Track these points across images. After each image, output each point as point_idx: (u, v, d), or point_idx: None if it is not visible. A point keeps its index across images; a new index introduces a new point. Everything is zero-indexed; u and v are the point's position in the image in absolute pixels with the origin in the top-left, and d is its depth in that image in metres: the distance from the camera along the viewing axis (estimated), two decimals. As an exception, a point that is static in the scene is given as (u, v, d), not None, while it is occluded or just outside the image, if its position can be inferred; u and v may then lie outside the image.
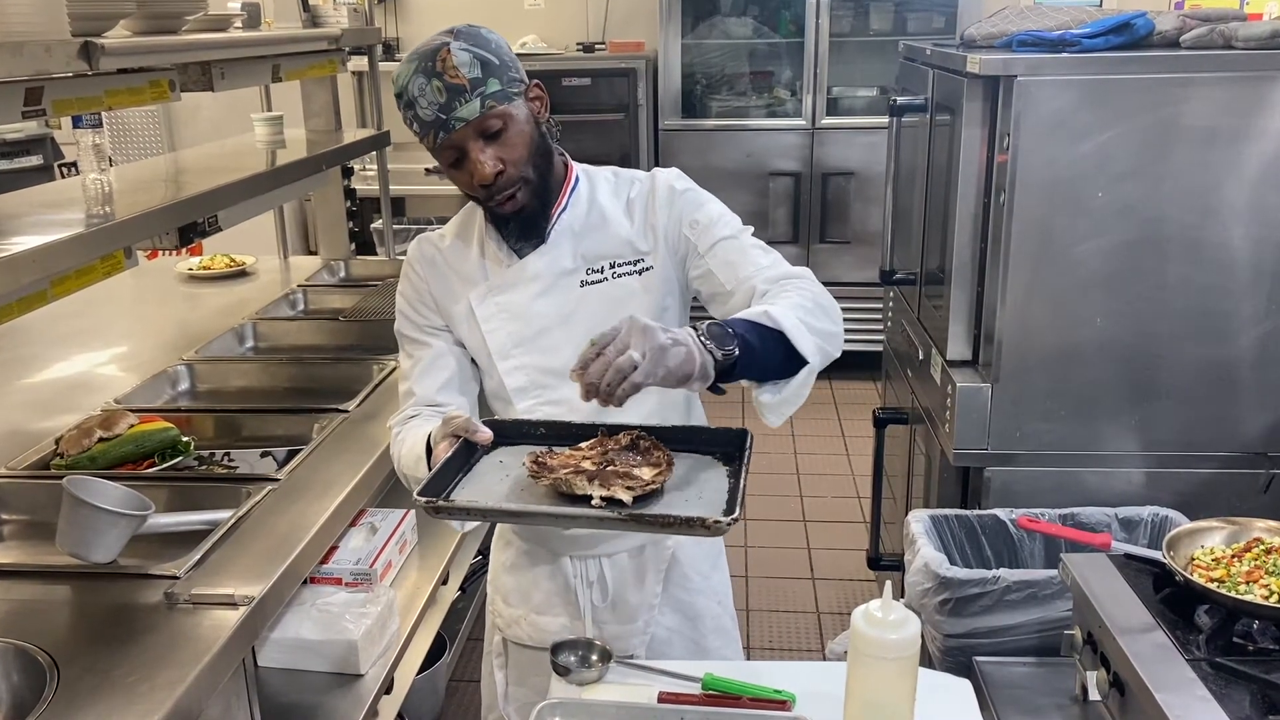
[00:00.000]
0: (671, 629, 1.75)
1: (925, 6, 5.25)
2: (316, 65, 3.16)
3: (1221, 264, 2.13)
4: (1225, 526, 1.75)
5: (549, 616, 1.73)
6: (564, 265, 1.61)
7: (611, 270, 1.61)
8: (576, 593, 1.71)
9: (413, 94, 1.48)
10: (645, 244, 1.62)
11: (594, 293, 1.61)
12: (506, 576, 1.77)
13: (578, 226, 1.62)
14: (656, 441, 1.43)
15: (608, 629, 1.71)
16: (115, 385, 2.54)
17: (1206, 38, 2.13)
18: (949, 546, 2.12)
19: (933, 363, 2.45)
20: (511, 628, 1.77)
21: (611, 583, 1.70)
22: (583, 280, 1.61)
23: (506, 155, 1.51)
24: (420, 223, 5.81)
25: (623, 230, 1.62)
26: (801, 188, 5.19)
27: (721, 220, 1.63)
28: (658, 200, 1.63)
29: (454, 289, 1.65)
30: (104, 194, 2.32)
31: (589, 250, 1.62)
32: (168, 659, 1.44)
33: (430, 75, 1.46)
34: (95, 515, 1.67)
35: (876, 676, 1.24)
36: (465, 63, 1.47)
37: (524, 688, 1.77)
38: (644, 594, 1.71)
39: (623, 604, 1.71)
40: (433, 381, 1.66)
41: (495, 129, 1.49)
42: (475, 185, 1.53)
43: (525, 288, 1.61)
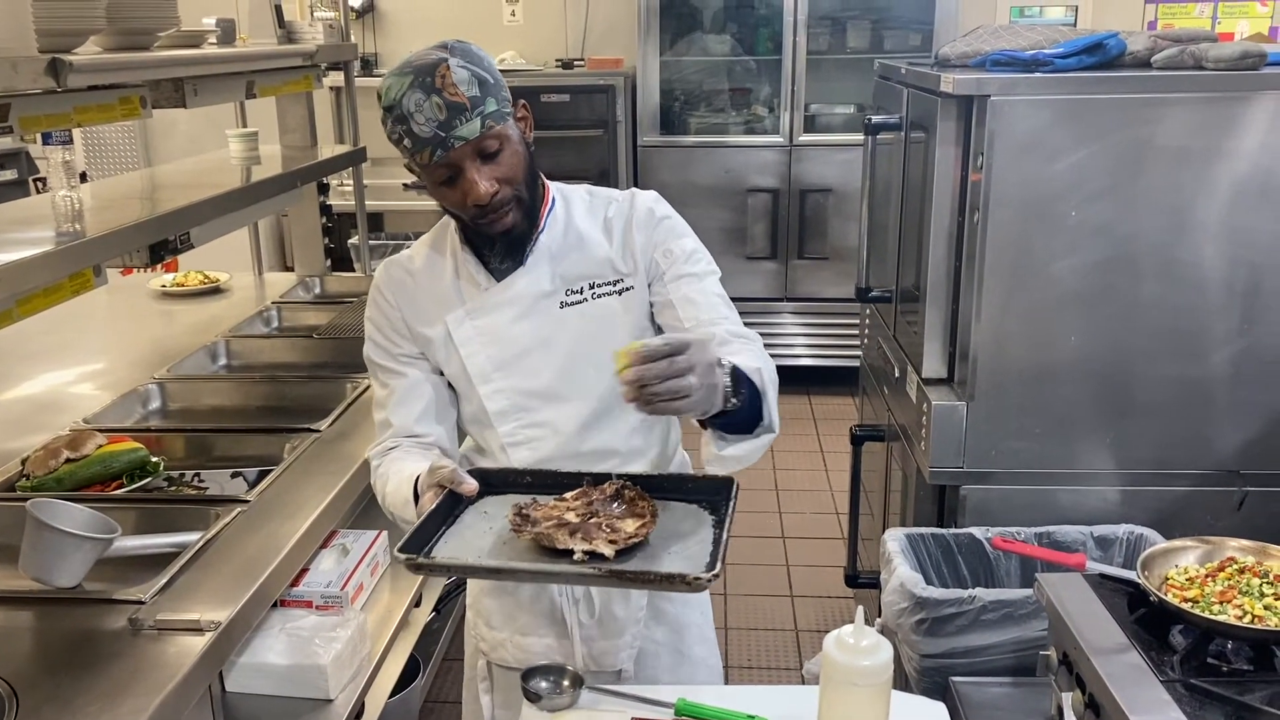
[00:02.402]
0: (659, 642, 1.74)
1: (902, 25, 5.28)
2: (291, 81, 3.14)
3: (1194, 283, 2.13)
4: (1199, 546, 1.75)
5: (534, 637, 1.71)
6: (543, 287, 1.59)
7: (591, 291, 1.60)
8: (564, 611, 1.69)
9: (407, 109, 1.43)
10: (625, 265, 1.61)
11: (573, 314, 1.59)
12: (488, 600, 1.75)
13: (555, 248, 1.60)
14: (641, 492, 1.42)
15: (595, 645, 1.70)
16: (85, 404, 2.51)
17: (1177, 58, 2.15)
18: (925, 565, 2.12)
19: (908, 380, 2.45)
20: (496, 650, 1.75)
21: (598, 599, 1.69)
22: (562, 302, 1.60)
23: (502, 175, 1.49)
24: (398, 238, 5.79)
25: (600, 250, 1.61)
26: (779, 204, 5.20)
27: (694, 256, 1.63)
28: (636, 221, 1.62)
29: (427, 312, 1.63)
30: (74, 211, 2.29)
31: (567, 271, 1.60)
32: (131, 687, 1.41)
33: (429, 91, 1.43)
34: (59, 539, 1.64)
35: (849, 703, 1.23)
36: (464, 80, 1.45)
37: (510, 710, 1.73)
38: (630, 608, 1.70)
39: (610, 620, 1.69)
40: (409, 411, 1.64)
41: (493, 149, 1.48)
42: (468, 204, 1.50)
43: (504, 311, 1.60)
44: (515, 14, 5.99)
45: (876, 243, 2.82)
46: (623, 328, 1.59)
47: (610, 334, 1.58)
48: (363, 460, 2.18)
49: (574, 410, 1.59)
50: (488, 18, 5.99)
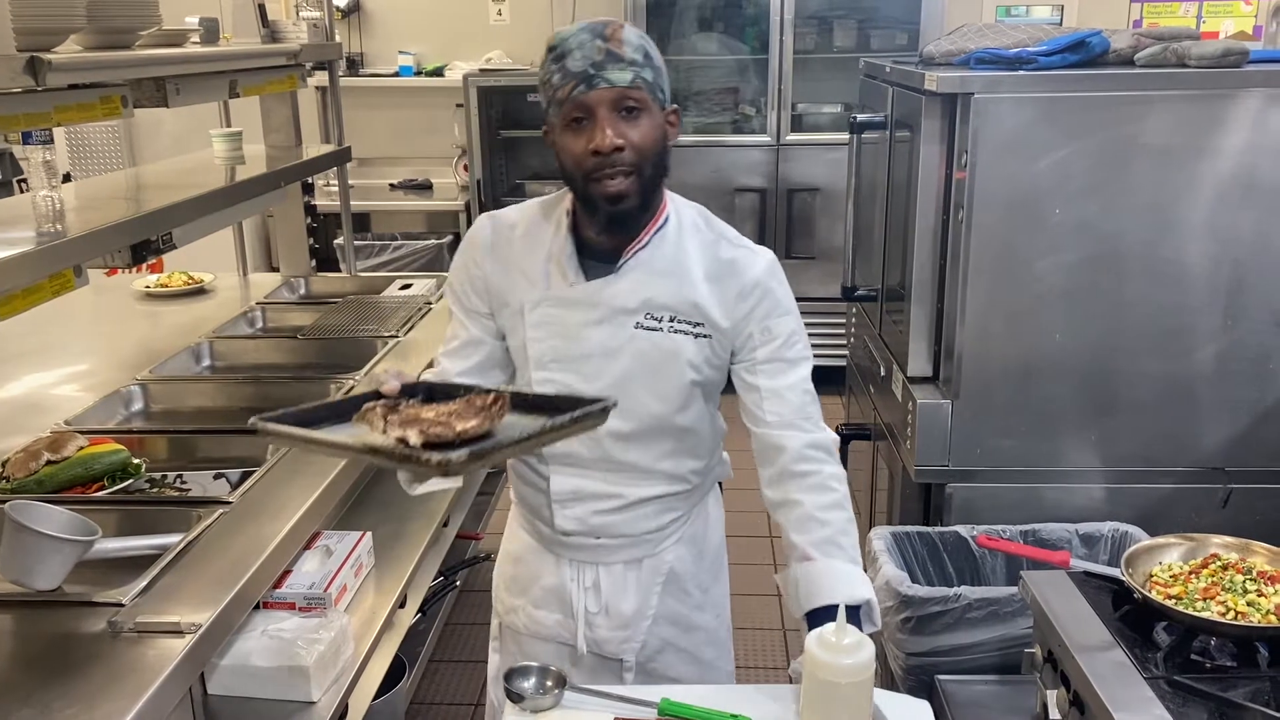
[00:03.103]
0: (665, 639, 1.76)
1: (889, 24, 5.28)
2: (275, 81, 3.12)
3: (1178, 280, 2.14)
4: (1183, 543, 1.76)
5: (544, 611, 1.76)
6: (625, 304, 1.58)
7: (671, 324, 1.59)
8: (571, 595, 1.73)
9: (570, 45, 1.46)
10: (714, 316, 1.59)
11: (645, 338, 1.59)
12: (510, 566, 1.82)
13: (653, 267, 1.58)
14: (507, 401, 1.33)
15: (599, 632, 1.73)
16: (66, 406, 2.48)
17: (1160, 56, 2.15)
18: (911, 564, 2.12)
19: (894, 379, 2.45)
20: (509, 615, 1.82)
21: (605, 590, 1.72)
22: (639, 323, 1.58)
23: (631, 137, 1.48)
24: (384, 238, 5.77)
25: (696, 294, 1.59)
26: (767, 204, 5.20)
27: (791, 339, 1.64)
28: (745, 288, 1.61)
29: (513, 280, 1.63)
30: (55, 211, 2.27)
31: (655, 296, 1.58)
32: (110, 690, 1.40)
33: (596, 35, 1.47)
34: (38, 541, 1.63)
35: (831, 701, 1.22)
36: (632, 42, 1.48)
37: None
38: (639, 605, 1.73)
39: (616, 612, 1.72)
40: (461, 364, 1.67)
41: (632, 107, 1.48)
42: (587, 151, 1.48)
43: (582, 311, 1.59)
44: (501, 13, 5.97)
45: (862, 242, 2.82)
46: (688, 366, 1.60)
47: (673, 367, 1.59)
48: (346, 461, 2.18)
49: (615, 423, 1.53)
50: (474, 17, 5.97)
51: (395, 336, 2.99)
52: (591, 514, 1.67)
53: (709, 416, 1.71)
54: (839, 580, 1.52)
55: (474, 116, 5.36)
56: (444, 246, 5.80)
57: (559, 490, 1.67)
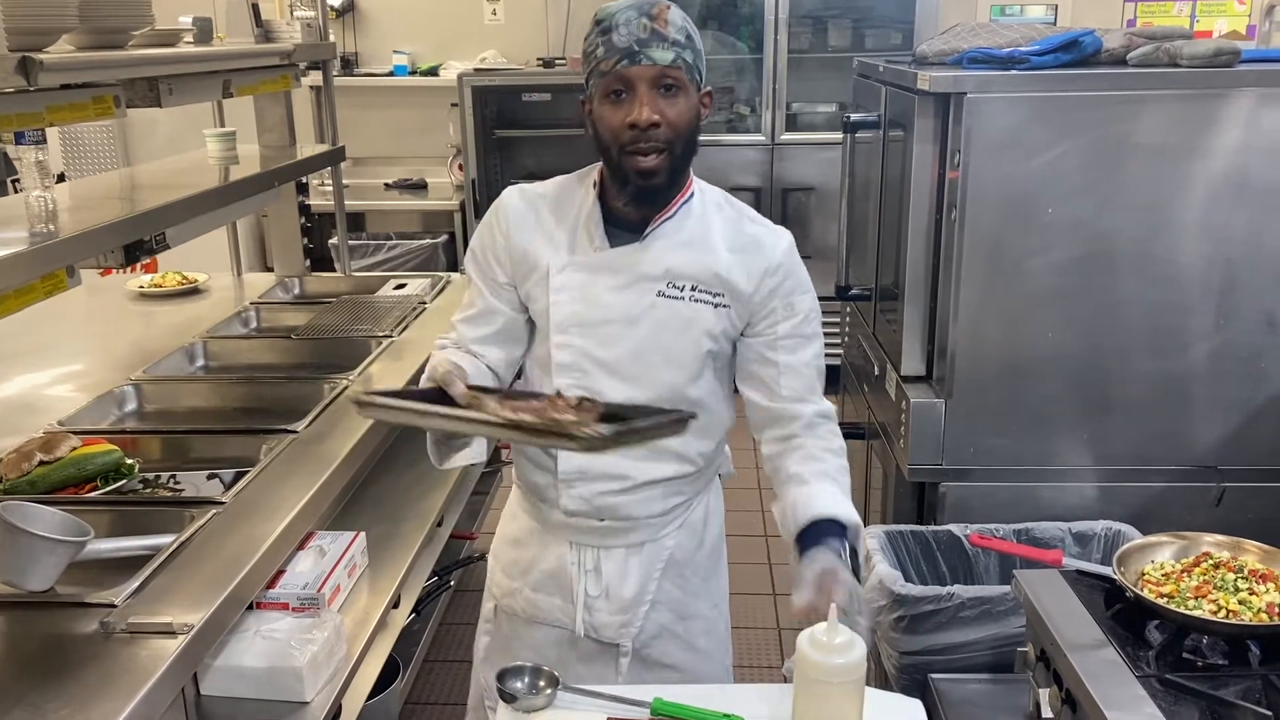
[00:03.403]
0: (662, 625, 1.78)
1: (883, 24, 5.29)
2: (269, 81, 3.12)
3: (1171, 279, 2.14)
4: (1175, 541, 1.76)
5: (543, 595, 1.78)
6: (649, 270, 1.62)
7: (692, 292, 1.63)
8: (572, 578, 1.75)
9: (616, 21, 1.52)
10: (739, 288, 1.63)
11: (666, 305, 1.62)
12: (509, 549, 1.83)
13: (677, 239, 1.63)
14: (595, 404, 1.41)
15: (598, 616, 1.75)
16: (60, 406, 2.48)
17: (1152, 55, 2.16)
18: (904, 562, 2.12)
19: (888, 378, 2.45)
20: (507, 598, 1.83)
21: (606, 574, 1.74)
22: (661, 291, 1.62)
23: (668, 114, 1.53)
24: (379, 238, 5.77)
25: (719, 265, 1.63)
26: (762, 203, 5.20)
27: (810, 316, 1.69)
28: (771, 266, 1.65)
29: (537, 245, 1.66)
30: (47, 211, 2.27)
31: (677, 266, 1.62)
32: (103, 691, 1.40)
33: (643, 14, 1.52)
34: (30, 542, 1.63)
35: (823, 700, 1.22)
36: (676, 23, 1.54)
37: (508, 654, 1.77)
38: (639, 589, 1.75)
39: (616, 595, 1.74)
40: (476, 331, 1.71)
41: (670, 86, 1.53)
42: (625, 124, 1.53)
43: (606, 277, 1.63)
44: (496, 13, 5.97)
45: (856, 241, 2.82)
46: (705, 335, 1.64)
47: (692, 336, 1.63)
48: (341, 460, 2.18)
49: (630, 393, 1.61)
50: (469, 17, 5.97)
51: (390, 336, 2.99)
52: (597, 494, 1.69)
53: (720, 394, 1.73)
54: (831, 501, 1.57)
55: (469, 116, 5.36)
56: (439, 246, 5.80)
57: (566, 469, 1.67)
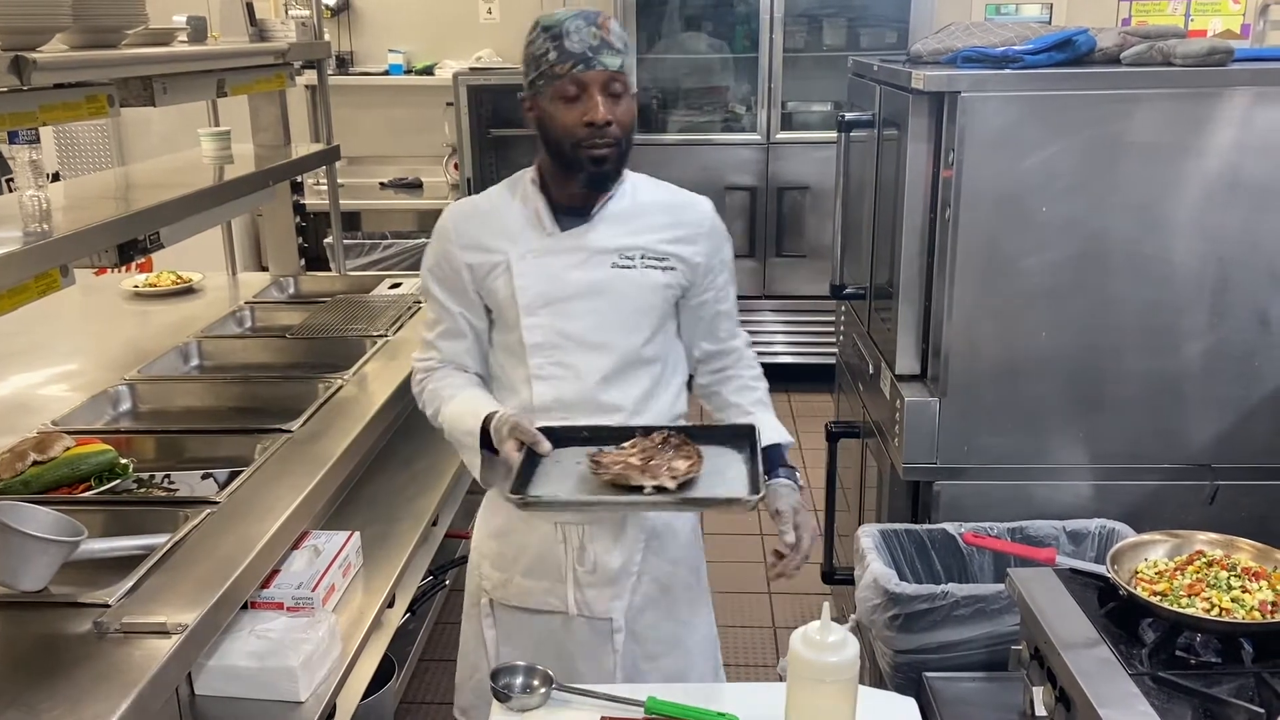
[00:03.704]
0: (649, 597, 1.87)
1: (878, 23, 5.29)
2: (263, 80, 3.11)
3: (1165, 278, 2.15)
4: (1168, 539, 1.76)
5: (533, 580, 1.85)
6: (602, 245, 1.78)
7: (642, 260, 1.79)
8: (560, 558, 1.82)
9: (568, 29, 1.66)
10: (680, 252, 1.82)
11: (621, 275, 1.78)
12: (493, 542, 1.91)
13: (621, 215, 1.80)
14: (685, 438, 1.69)
15: (587, 592, 1.83)
16: (54, 406, 2.48)
17: (1146, 55, 2.16)
18: (899, 561, 2.12)
19: (882, 377, 2.45)
20: (499, 590, 1.90)
21: (592, 549, 1.82)
22: (614, 263, 1.78)
23: (616, 115, 1.69)
24: (374, 237, 5.76)
25: (659, 234, 1.81)
26: (757, 202, 5.20)
27: (730, 264, 1.93)
28: (706, 231, 1.87)
29: (490, 242, 1.80)
30: (41, 211, 2.26)
31: (625, 239, 1.79)
32: (96, 691, 1.40)
33: (591, 23, 1.68)
34: (24, 542, 1.63)
35: (816, 699, 1.23)
36: (618, 32, 1.71)
37: (512, 644, 1.89)
38: (624, 561, 1.83)
39: (604, 569, 1.82)
40: (456, 344, 1.86)
41: (617, 91, 1.70)
42: (581, 122, 1.68)
43: (564, 257, 1.77)
44: (491, 11, 5.97)
45: (851, 240, 2.82)
46: (659, 299, 1.81)
47: (647, 301, 1.80)
48: (336, 459, 2.18)
49: (599, 361, 1.78)
50: (464, 15, 5.97)
51: (384, 335, 2.99)
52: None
53: (676, 350, 1.91)
54: (773, 430, 1.87)
55: (464, 115, 5.35)
56: (434, 245, 5.79)
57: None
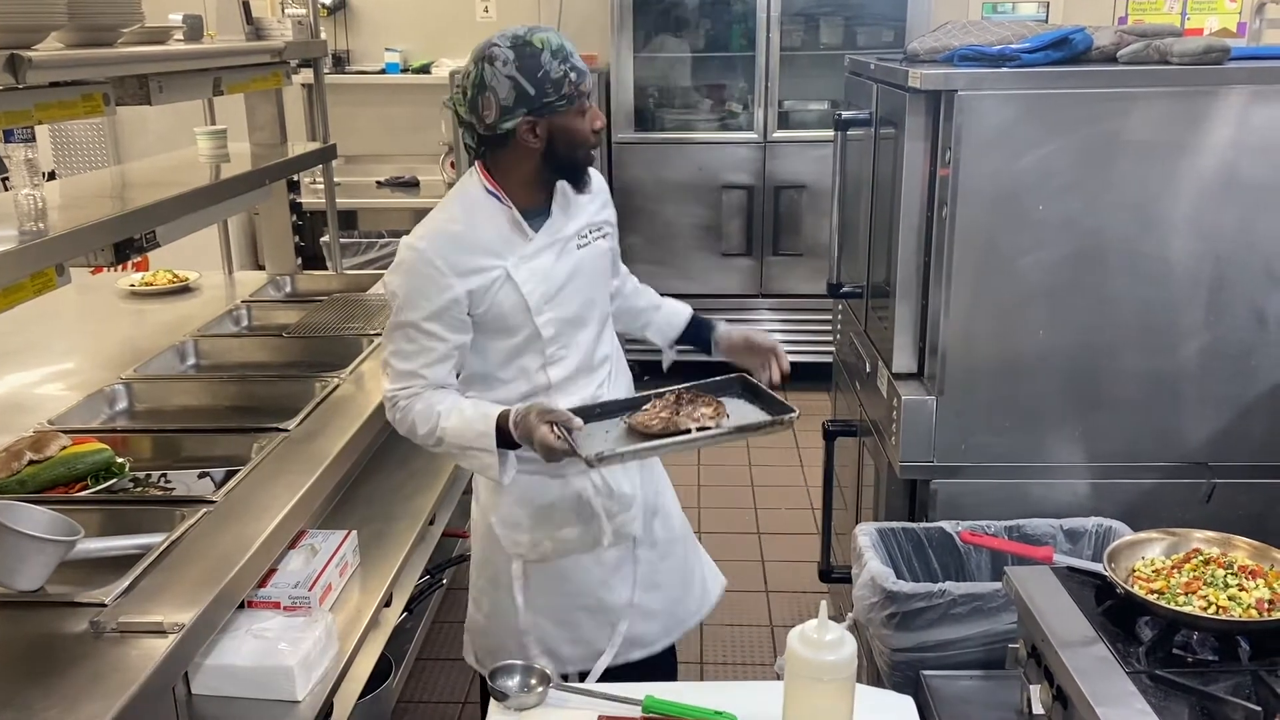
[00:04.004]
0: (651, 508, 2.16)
1: (875, 21, 5.29)
2: (259, 78, 3.11)
3: (1162, 276, 2.15)
4: (1165, 538, 1.76)
5: (568, 529, 2.05)
6: (565, 231, 1.99)
7: (592, 235, 2.03)
8: (590, 499, 2.05)
9: (568, 49, 1.87)
10: (605, 217, 2.09)
11: (584, 254, 2.01)
12: (518, 510, 2.05)
13: (567, 204, 2.00)
14: (697, 393, 1.97)
15: (615, 520, 2.07)
16: (50, 405, 2.48)
17: (1143, 53, 2.16)
18: (896, 559, 2.12)
19: (879, 375, 2.45)
20: (533, 550, 2.06)
21: (610, 483, 2.06)
22: (577, 244, 2.00)
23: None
24: (371, 236, 5.75)
25: (592, 209, 2.05)
26: (754, 201, 5.20)
27: None
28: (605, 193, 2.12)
29: (482, 260, 1.92)
30: (37, 210, 2.26)
31: (577, 222, 2.01)
32: (92, 691, 1.40)
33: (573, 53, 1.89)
34: (20, 541, 1.63)
35: (813, 697, 1.23)
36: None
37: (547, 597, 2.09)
38: (632, 486, 2.10)
39: (620, 495, 2.07)
40: (441, 371, 1.95)
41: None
42: (593, 130, 1.92)
43: (546, 254, 1.96)
44: (488, 10, 5.96)
45: (848, 239, 2.82)
46: (607, 261, 2.08)
47: (603, 267, 2.07)
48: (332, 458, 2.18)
49: (590, 331, 2.04)
50: (461, 14, 5.96)
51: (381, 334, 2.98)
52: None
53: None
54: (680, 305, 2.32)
55: (461, 114, 5.34)
56: (431, 244, 5.78)
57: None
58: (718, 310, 5.53)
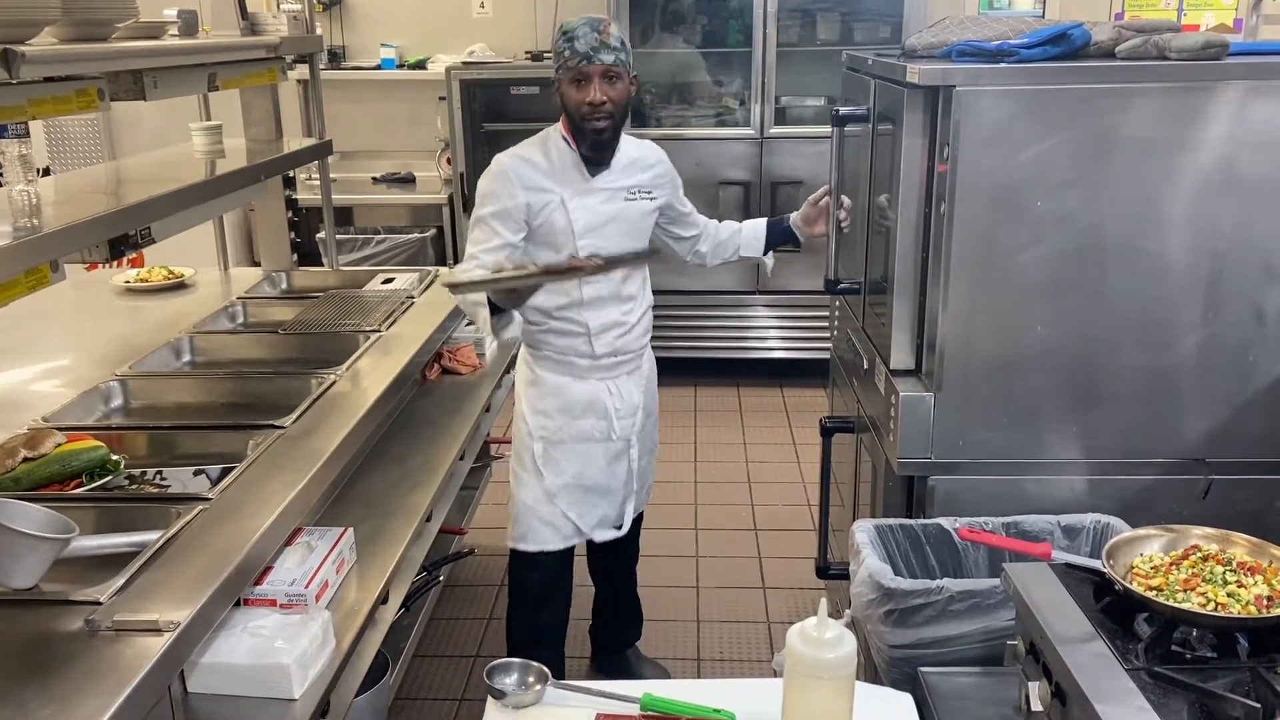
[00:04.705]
0: (644, 419, 2.73)
1: (872, 17, 5.28)
2: (255, 74, 3.10)
3: (1159, 272, 2.15)
4: (1163, 534, 1.76)
5: (584, 420, 2.63)
6: (618, 185, 2.55)
7: (639, 193, 2.59)
8: (605, 401, 2.63)
9: (578, 33, 2.38)
10: (656, 191, 2.64)
11: (630, 205, 2.57)
12: (551, 399, 2.64)
13: (624, 164, 2.57)
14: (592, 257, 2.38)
15: (621, 422, 2.65)
16: (45, 402, 2.46)
17: (1141, 48, 2.15)
18: (894, 556, 2.12)
19: (877, 372, 2.45)
20: (555, 434, 2.64)
21: (622, 391, 2.65)
22: (626, 196, 2.56)
23: (611, 95, 2.41)
24: (368, 232, 5.74)
25: (645, 176, 2.61)
26: (751, 197, 5.20)
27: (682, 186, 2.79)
28: (668, 170, 2.70)
29: (542, 184, 2.49)
30: (31, 206, 2.25)
31: (629, 180, 2.58)
32: (87, 690, 1.39)
33: (594, 29, 2.38)
34: (14, 539, 1.62)
35: (813, 695, 1.22)
36: (615, 36, 2.41)
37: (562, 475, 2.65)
38: (637, 398, 2.69)
39: (628, 403, 2.67)
40: (494, 257, 2.45)
41: (612, 76, 2.40)
42: (583, 102, 2.39)
43: (598, 195, 2.52)
44: (485, 6, 5.95)
45: (845, 235, 2.82)
46: (648, 220, 2.64)
47: (644, 222, 2.63)
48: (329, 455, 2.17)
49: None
50: (457, 10, 5.95)
51: (378, 331, 2.98)
52: (615, 338, 2.61)
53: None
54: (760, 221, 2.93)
55: (457, 109, 5.34)
56: (427, 240, 5.77)
57: (596, 325, 2.57)
58: (715, 307, 5.57)
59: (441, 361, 3.23)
